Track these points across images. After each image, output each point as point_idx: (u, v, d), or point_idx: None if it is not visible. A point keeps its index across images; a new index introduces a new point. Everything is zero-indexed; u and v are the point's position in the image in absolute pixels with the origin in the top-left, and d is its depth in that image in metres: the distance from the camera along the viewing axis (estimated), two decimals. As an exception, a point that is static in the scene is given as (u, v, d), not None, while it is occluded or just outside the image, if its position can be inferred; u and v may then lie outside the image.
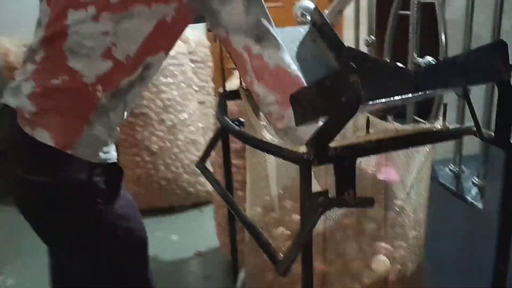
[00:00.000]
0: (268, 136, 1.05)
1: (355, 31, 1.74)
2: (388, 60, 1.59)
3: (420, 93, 0.87)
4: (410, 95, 0.82)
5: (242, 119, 1.23)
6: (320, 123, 1.09)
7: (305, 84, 0.98)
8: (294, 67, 0.98)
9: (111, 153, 0.98)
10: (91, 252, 0.98)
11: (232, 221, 1.36)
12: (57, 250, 1.06)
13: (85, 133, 0.92)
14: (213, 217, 2.32)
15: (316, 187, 0.88)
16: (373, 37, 1.67)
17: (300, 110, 0.91)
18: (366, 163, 1.44)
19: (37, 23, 0.98)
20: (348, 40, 2.19)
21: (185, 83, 2.74)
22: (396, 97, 0.78)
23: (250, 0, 0.89)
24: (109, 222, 0.97)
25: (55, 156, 0.90)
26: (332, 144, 0.82)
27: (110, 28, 0.89)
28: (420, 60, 1.44)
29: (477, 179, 1.35)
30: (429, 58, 1.43)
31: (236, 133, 0.99)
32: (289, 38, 1.27)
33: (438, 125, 0.91)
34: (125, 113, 1.00)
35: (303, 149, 0.85)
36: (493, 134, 0.88)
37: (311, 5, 1.47)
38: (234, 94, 1.20)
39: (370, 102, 0.75)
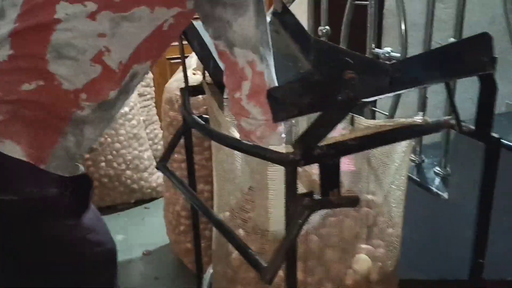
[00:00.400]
0: (237, 134, 1.00)
1: (308, 21, 1.71)
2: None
3: (403, 89, 0.85)
4: (401, 91, 0.80)
5: (206, 116, 1.16)
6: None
7: None
8: None
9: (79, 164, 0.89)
10: (60, 270, 0.89)
11: (196, 224, 1.29)
12: (16, 268, 0.92)
13: (59, 145, 0.82)
14: (158, 214, 2.23)
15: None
16: (327, 27, 1.65)
17: (279, 106, 0.86)
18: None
19: None
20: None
21: (124, 74, 2.60)
22: (388, 94, 0.75)
23: (259, 14, 0.84)
24: (78, 237, 0.89)
25: (22, 170, 0.80)
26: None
27: (107, 29, 0.79)
28: (379, 51, 1.43)
29: (439, 169, 1.36)
30: (388, 49, 1.42)
31: (209, 132, 0.92)
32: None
33: (418, 119, 0.90)
34: (101, 134, 0.91)
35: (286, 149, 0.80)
36: (473, 127, 0.88)
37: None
38: (197, 90, 1.13)
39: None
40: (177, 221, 1.98)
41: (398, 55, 1.39)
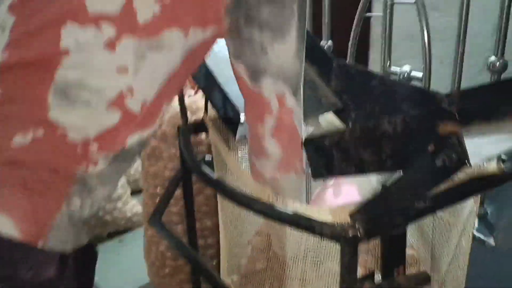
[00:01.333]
0: (254, 185, 0.79)
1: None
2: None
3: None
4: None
5: (208, 158, 0.95)
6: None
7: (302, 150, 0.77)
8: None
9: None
10: None
11: None
12: None
13: (61, 212, 0.62)
14: (135, 249, 1.99)
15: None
16: (330, 42, 1.46)
17: (322, 160, 0.66)
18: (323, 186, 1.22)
19: None
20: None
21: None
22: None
23: (300, 40, 0.69)
24: None
25: (12, 250, 0.60)
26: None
27: (130, 62, 0.58)
28: (395, 69, 1.25)
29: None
30: (407, 68, 1.24)
31: (227, 191, 0.71)
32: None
33: (491, 167, 0.71)
34: (113, 192, 0.70)
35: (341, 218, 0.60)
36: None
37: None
38: (198, 127, 0.92)
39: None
40: (162, 263, 1.75)
41: (420, 74, 1.21)
